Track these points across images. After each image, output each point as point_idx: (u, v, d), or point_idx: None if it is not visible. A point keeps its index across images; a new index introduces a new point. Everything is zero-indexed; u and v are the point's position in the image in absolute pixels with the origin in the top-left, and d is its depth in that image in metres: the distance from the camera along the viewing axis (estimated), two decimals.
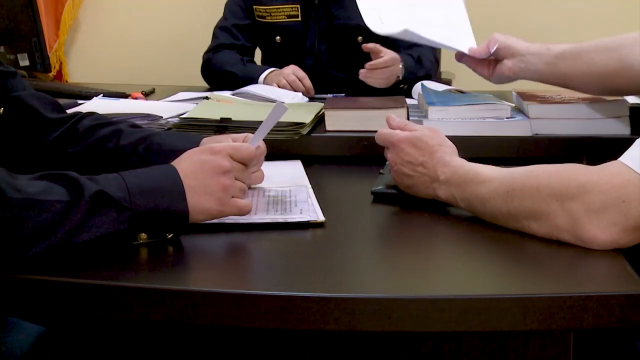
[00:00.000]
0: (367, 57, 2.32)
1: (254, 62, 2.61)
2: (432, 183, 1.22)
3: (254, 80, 2.41)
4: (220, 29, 2.67)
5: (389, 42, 2.53)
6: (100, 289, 0.95)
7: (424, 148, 1.24)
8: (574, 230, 1.02)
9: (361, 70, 2.24)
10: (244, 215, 1.12)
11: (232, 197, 1.10)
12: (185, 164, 1.09)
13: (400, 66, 2.33)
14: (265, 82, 2.41)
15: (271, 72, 2.43)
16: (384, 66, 2.26)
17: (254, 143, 1.18)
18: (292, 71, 2.39)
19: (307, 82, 2.36)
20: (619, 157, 1.05)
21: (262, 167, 1.33)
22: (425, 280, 0.99)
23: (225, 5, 2.70)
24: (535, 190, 1.06)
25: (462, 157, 1.23)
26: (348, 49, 2.56)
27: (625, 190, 0.99)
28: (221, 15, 2.70)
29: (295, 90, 2.31)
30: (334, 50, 2.59)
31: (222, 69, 2.55)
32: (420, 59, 2.45)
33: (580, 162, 1.10)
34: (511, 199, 1.08)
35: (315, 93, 2.34)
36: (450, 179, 1.19)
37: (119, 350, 1.03)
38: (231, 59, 2.57)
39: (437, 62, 2.59)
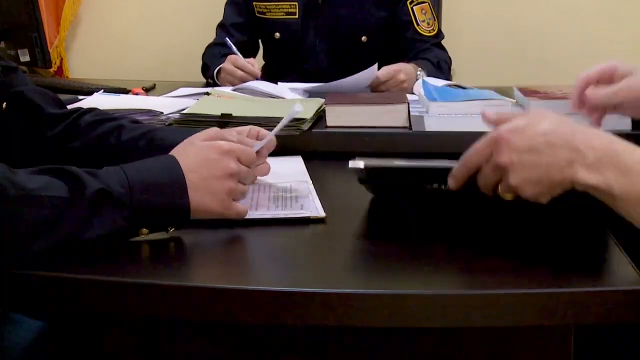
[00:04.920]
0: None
1: (227, 54, 2.48)
2: (571, 166, 0.93)
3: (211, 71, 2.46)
4: (219, 27, 2.69)
5: (398, 47, 2.54)
6: (101, 284, 0.95)
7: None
8: None
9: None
10: (241, 218, 1.13)
11: (233, 200, 1.11)
12: (191, 160, 1.09)
13: (424, 73, 2.31)
14: (219, 80, 2.41)
15: (218, 70, 2.42)
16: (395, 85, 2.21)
17: (258, 147, 1.19)
18: (232, 63, 2.35)
19: (249, 67, 2.32)
20: None
21: None
22: (426, 277, 0.99)
23: (225, 2, 2.70)
24: None
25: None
26: (350, 49, 2.56)
27: None
28: (221, 11, 2.71)
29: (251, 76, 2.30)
30: (336, 49, 2.58)
31: (203, 62, 2.60)
32: (439, 64, 2.44)
33: None
34: None
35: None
36: (602, 159, 0.92)
37: (119, 347, 1.03)
38: (213, 52, 2.58)
39: (451, 63, 2.59)
